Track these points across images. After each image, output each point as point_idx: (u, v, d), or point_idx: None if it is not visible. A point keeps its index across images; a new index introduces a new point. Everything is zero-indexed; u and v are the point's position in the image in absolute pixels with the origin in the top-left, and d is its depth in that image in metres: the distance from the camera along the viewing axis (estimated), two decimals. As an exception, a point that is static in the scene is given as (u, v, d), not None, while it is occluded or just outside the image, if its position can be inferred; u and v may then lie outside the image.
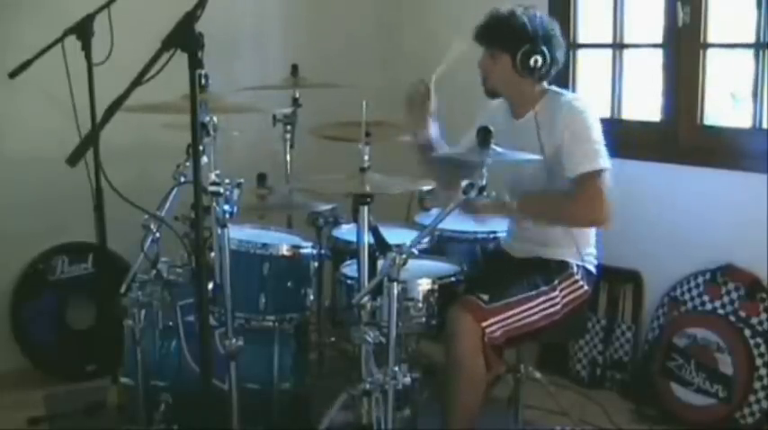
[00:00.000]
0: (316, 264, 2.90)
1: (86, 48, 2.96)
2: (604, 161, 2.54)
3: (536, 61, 2.60)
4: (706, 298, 3.17)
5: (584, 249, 2.70)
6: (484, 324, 2.45)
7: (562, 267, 2.66)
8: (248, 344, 2.43)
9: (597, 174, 2.52)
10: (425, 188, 2.53)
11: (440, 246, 2.91)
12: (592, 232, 2.75)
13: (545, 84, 2.71)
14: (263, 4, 3.98)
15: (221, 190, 2.28)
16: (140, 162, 3.50)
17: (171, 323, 2.70)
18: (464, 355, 2.45)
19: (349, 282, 2.64)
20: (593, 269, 2.76)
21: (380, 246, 2.36)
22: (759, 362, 2.99)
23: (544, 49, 2.61)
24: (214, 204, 2.29)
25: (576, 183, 2.55)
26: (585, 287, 2.70)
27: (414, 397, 2.61)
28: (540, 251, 2.72)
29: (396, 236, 2.58)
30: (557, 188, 2.60)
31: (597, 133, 2.58)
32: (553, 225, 2.64)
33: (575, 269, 2.68)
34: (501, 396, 2.86)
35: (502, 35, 2.63)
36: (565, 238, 2.68)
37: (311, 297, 2.88)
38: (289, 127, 3.41)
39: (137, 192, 2.06)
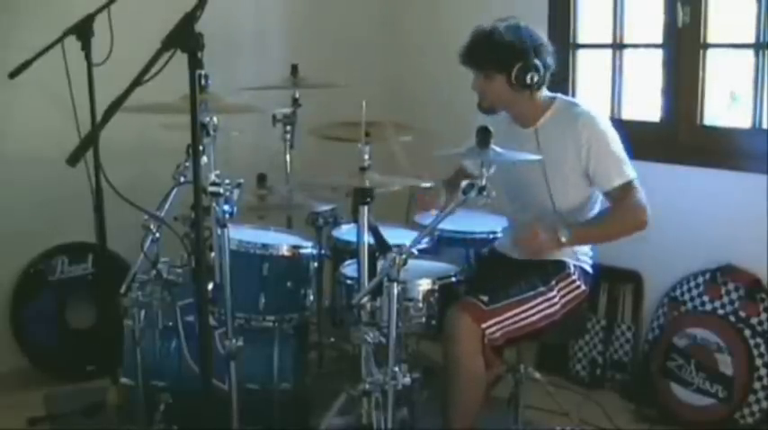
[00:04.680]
0: (316, 264, 2.90)
1: (86, 48, 2.96)
2: (631, 170, 2.60)
3: (532, 77, 2.59)
4: (706, 298, 3.17)
5: (580, 249, 2.71)
6: (483, 325, 2.45)
7: (559, 267, 2.67)
8: (248, 345, 2.43)
9: (629, 184, 2.58)
10: (425, 185, 2.54)
11: (438, 246, 2.91)
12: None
13: (547, 91, 2.71)
14: (263, 4, 3.99)
15: (221, 190, 2.28)
16: (140, 162, 3.50)
17: (171, 323, 2.69)
18: (463, 356, 2.45)
19: (349, 282, 2.64)
20: (589, 269, 2.76)
21: (380, 247, 2.36)
22: (759, 362, 2.99)
23: (537, 62, 2.59)
24: (214, 204, 2.29)
25: (611, 196, 2.61)
26: (583, 287, 2.70)
27: (414, 397, 2.61)
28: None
29: (396, 236, 2.58)
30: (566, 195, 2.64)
31: (618, 144, 2.63)
32: (607, 242, 2.66)
33: (571, 269, 2.68)
34: (501, 396, 2.86)
35: (492, 56, 2.60)
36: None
37: (311, 297, 2.88)
38: (289, 127, 3.41)
39: (137, 193, 2.06)
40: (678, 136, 3.30)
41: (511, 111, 2.72)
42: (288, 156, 3.45)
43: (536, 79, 2.60)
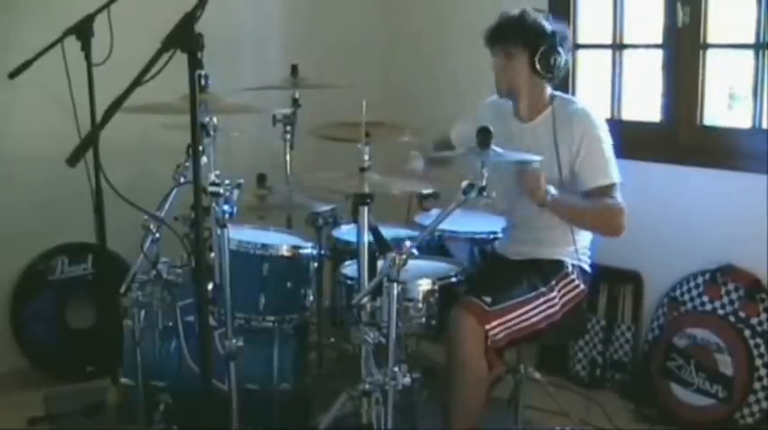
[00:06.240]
0: (315, 264, 2.90)
1: (86, 48, 2.96)
2: (616, 174, 2.59)
3: (555, 60, 2.60)
4: (706, 298, 3.17)
5: (579, 248, 2.71)
6: (487, 327, 2.45)
7: (558, 267, 2.67)
8: (248, 345, 2.43)
9: (611, 187, 2.57)
10: (425, 191, 2.54)
11: (439, 246, 2.91)
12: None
13: (550, 89, 2.71)
14: (262, 5, 3.99)
15: (221, 190, 2.28)
16: (140, 162, 3.50)
17: (171, 323, 2.69)
18: (467, 358, 2.45)
19: (349, 282, 2.64)
20: (587, 268, 2.76)
21: (380, 247, 2.36)
22: (759, 362, 2.99)
23: (560, 49, 2.62)
24: (214, 204, 2.29)
25: (591, 196, 2.58)
26: (582, 286, 2.70)
27: (414, 397, 2.61)
28: (535, 252, 2.72)
29: (395, 236, 2.58)
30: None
31: (609, 145, 2.63)
32: (578, 226, 2.64)
33: (570, 268, 2.68)
34: (501, 396, 2.86)
35: (521, 33, 2.62)
36: (561, 239, 2.68)
37: (311, 297, 2.87)
38: (288, 127, 3.41)
39: (137, 193, 2.06)
40: (678, 136, 3.30)
41: (520, 100, 2.72)
42: (288, 157, 3.45)
43: (558, 65, 2.61)
